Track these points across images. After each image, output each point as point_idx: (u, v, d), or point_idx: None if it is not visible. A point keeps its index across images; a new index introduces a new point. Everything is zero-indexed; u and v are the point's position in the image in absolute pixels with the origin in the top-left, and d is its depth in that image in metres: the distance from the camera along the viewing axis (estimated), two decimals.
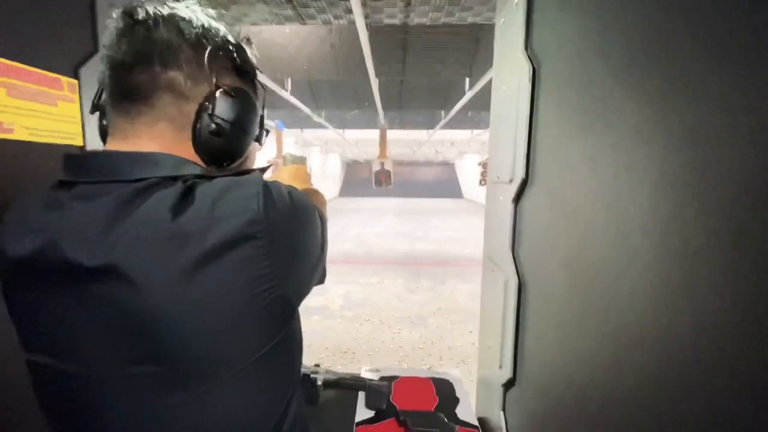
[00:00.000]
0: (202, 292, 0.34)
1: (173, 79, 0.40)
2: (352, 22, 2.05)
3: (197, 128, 0.41)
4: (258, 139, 0.49)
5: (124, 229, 0.34)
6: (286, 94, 4.12)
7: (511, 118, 0.69)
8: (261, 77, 0.51)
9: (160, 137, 0.40)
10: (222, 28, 0.43)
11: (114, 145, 0.41)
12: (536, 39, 0.64)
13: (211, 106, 0.41)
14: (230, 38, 0.44)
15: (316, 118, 5.70)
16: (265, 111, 0.51)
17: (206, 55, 0.41)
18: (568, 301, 0.50)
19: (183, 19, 0.41)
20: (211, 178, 0.39)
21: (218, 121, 0.42)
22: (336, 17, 2.08)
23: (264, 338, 0.38)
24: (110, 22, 0.40)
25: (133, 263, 0.34)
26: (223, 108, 0.42)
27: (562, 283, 0.52)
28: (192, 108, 0.41)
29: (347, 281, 4.26)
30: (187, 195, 0.36)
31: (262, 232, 0.36)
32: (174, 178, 0.38)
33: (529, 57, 0.64)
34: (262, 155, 0.59)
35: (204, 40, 0.41)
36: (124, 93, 0.40)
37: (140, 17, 0.39)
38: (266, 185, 0.38)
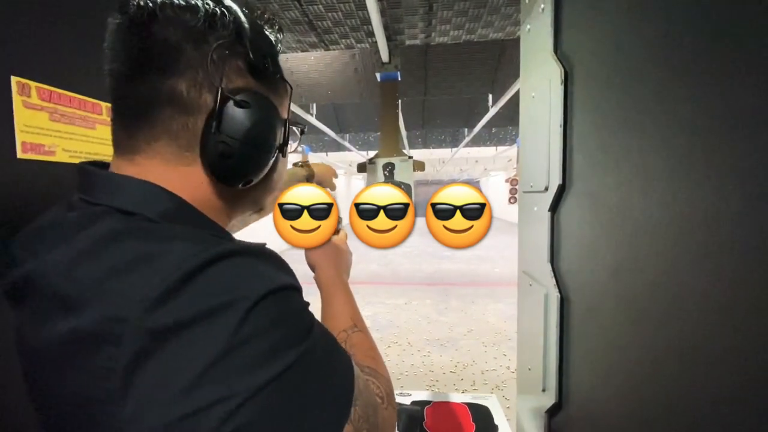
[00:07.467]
0: (51, 384, 0.28)
1: (173, 88, 0.33)
2: (374, 45, 2.10)
3: (203, 149, 0.35)
4: (281, 150, 0.41)
5: (45, 257, 0.30)
6: (311, 119, 4.25)
7: (543, 124, 0.66)
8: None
9: (159, 156, 0.34)
10: (234, 8, 0.35)
11: (115, 160, 0.36)
12: (566, 41, 0.62)
13: (216, 123, 0.34)
14: (244, 23, 0.35)
15: (340, 141, 5.83)
16: (290, 113, 0.44)
17: (209, 56, 0.33)
18: (620, 315, 0.45)
19: (183, 6, 0.32)
20: (179, 221, 0.32)
21: (225, 140, 0.34)
22: (358, 41, 2.14)
23: None
24: (108, 23, 0.34)
25: (23, 303, 0.31)
26: (231, 123, 0.34)
27: (611, 295, 0.47)
28: (198, 122, 0.34)
29: (373, 302, 4.22)
30: (105, 243, 0.29)
31: (124, 338, 0.24)
32: (129, 213, 0.32)
33: (559, 60, 0.62)
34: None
35: (209, 34, 0.33)
36: (123, 108, 0.35)
37: (132, 11, 0.32)
38: (212, 262, 0.27)
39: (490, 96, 3.94)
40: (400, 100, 2.41)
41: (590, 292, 0.54)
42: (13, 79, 0.50)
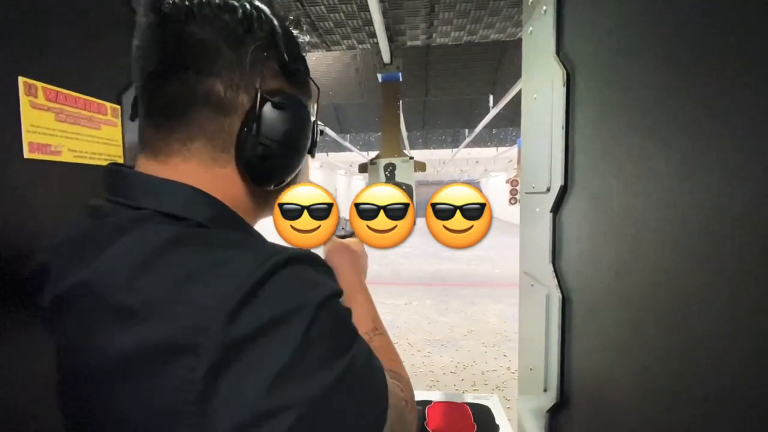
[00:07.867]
0: (118, 397, 0.26)
1: (210, 89, 0.32)
2: (376, 46, 2.10)
3: (240, 150, 0.34)
4: (311, 151, 0.41)
5: (95, 265, 0.29)
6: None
7: (545, 125, 0.67)
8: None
9: (195, 157, 0.34)
10: (266, 10, 0.35)
11: (143, 160, 0.35)
12: (568, 43, 0.63)
13: (255, 125, 0.34)
14: (276, 26, 0.35)
15: (341, 142, 5.83)
16: (317, 112, 0.44)
17: (248, 57, 0.33)
18: (621, 315, 0.46)
19: (221, 6, 0.32)
20: (222, 226, 0.32)
21: (264, 141, 0.34)
22: (360, 42, 2.14)
23: None
24: (139, 20, 0.33)
25: (75, 313, 0.29)
26: (270, 125, 0.34)
27: (613, 295, 0.47)
28: (234, 123, 0.34)
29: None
30: (164, 250, 0.28)
31: (204, 347, 0.24)
32: (174, 217, 0.31)
33: (561, 62, 0.62)
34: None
35: (247, 35, 0.33)
36: (155, 107, 0.34)
37: (168, 11, 0.31)
38: (275, 270, 0.26)
39: (491, 97, 3.94)
40: (401, 101, 2.43)
41: (592, 293, 0.54)
42: (21, 80, 0.51)
